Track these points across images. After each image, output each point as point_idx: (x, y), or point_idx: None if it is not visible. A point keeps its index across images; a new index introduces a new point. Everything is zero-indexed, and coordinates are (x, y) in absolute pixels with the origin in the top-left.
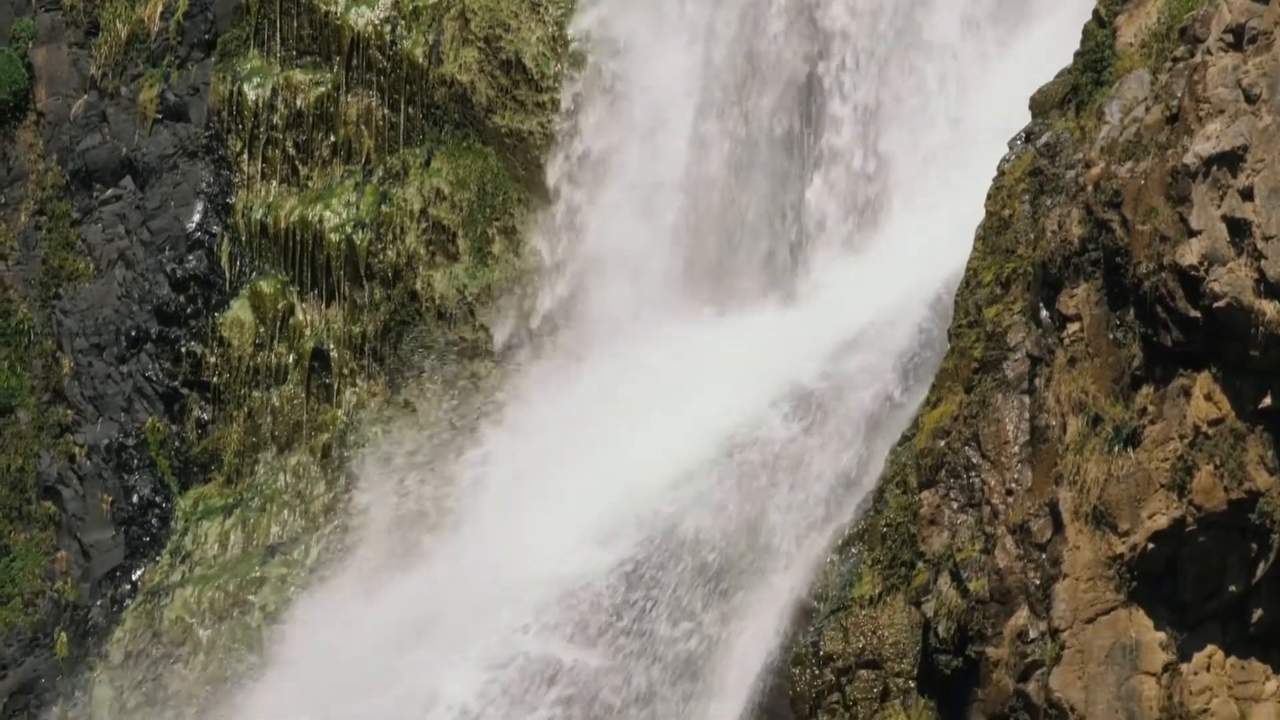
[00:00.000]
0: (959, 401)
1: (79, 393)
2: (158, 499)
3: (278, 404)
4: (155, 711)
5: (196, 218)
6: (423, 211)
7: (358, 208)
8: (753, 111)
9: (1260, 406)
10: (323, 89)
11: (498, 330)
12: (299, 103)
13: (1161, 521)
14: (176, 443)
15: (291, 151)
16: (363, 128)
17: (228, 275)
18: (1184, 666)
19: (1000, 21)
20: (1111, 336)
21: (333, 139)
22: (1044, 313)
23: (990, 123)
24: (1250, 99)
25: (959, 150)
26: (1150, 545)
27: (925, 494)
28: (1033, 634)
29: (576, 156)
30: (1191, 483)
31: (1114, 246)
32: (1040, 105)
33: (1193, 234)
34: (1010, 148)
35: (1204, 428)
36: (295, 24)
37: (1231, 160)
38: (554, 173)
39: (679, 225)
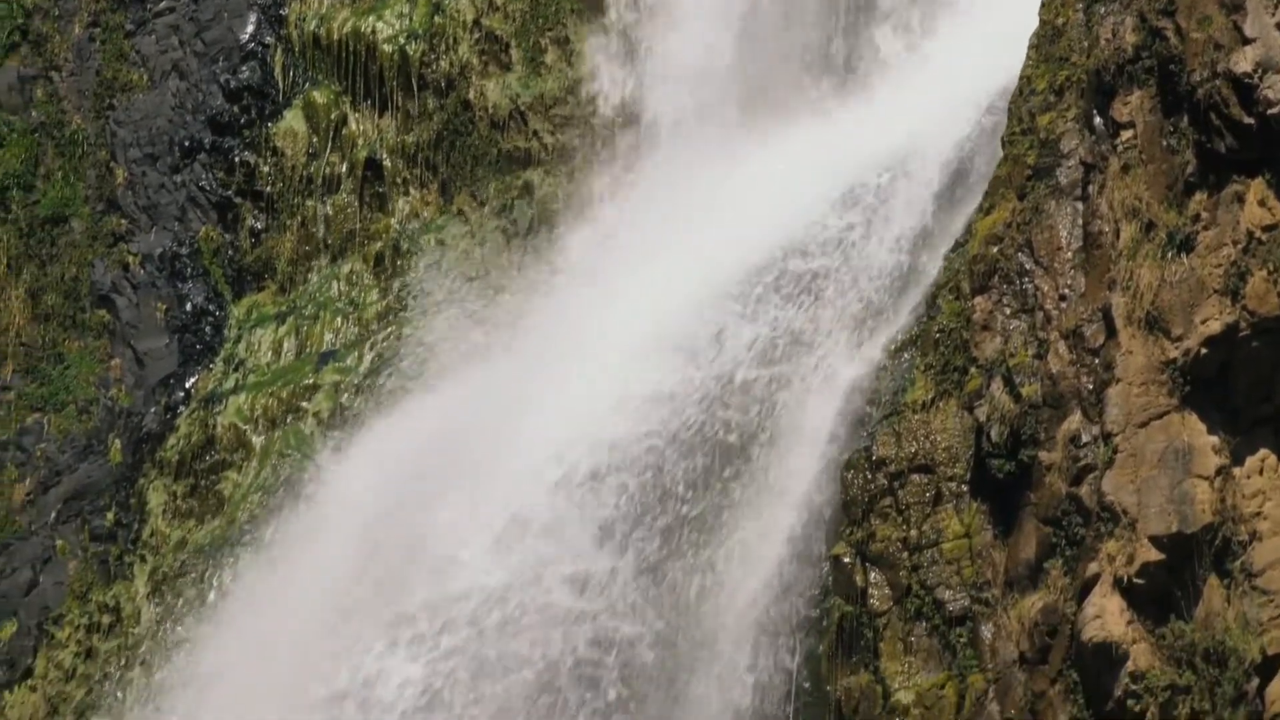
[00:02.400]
0: (1012, 208)
1: (133, 202)
2: (211, 307)
3: (331, 213)
4: (208, 517)
5: (250, 29)
6: (475, 22)
7: (411, 18)
8: None
9: None
10: None
11: (550, 139)
12: None
13: (1214, 326)
14: (230, 251)
15: None
16: None
17: (281, 86)
18: (1237, 470)
19: None
20: (1165, 143)
21: None
22: (1097, 120)
23: None
24: None
25: None
26: (1203, 350)
27: (978, 300)
28: (1085, 438)
29: None
30: (1244, 288)
31: (1168, 54)
32: None
33: (1247, 41)
34: None
35: (1257, 233)
36: None
37: None
38: None
39: (737, 25)
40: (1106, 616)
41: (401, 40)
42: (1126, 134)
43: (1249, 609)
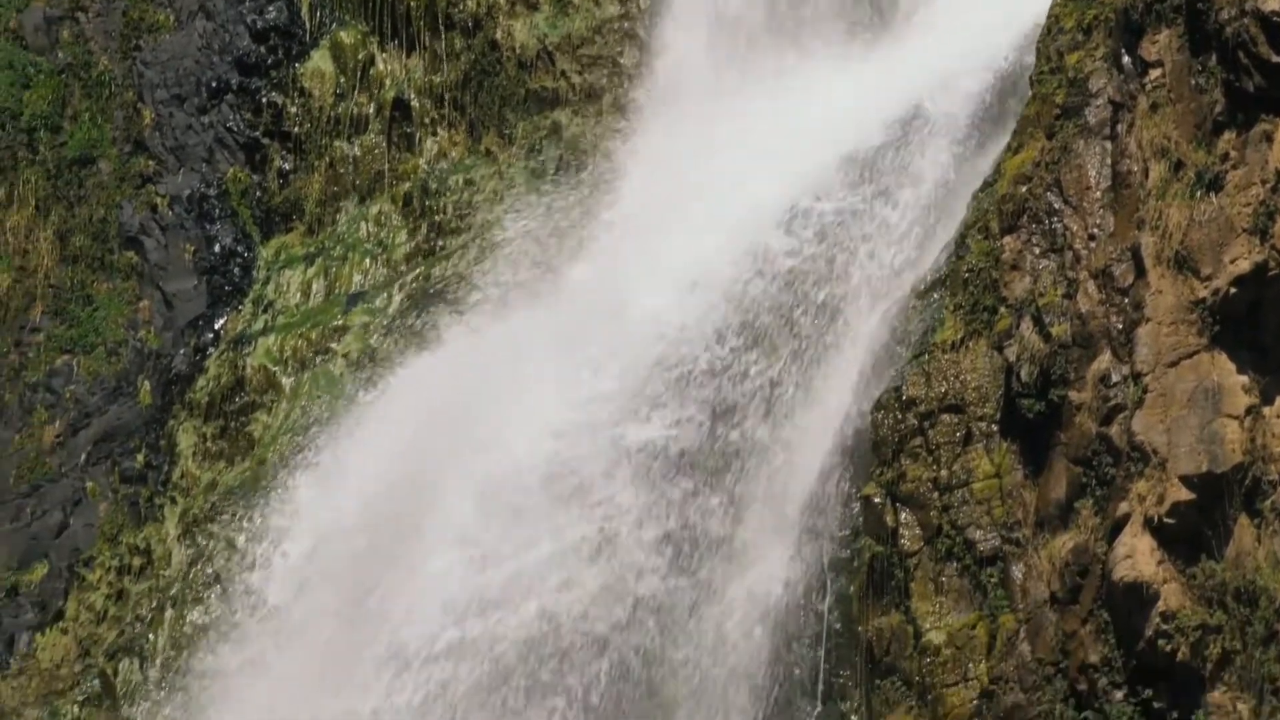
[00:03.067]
0: (1041, 147)
1: (160, 143)
2: (239, 248)
3: (359, 153)
4: (238, 458)
5: None
6: None
7: None
8: None
9: None
10: None
11: (578, 79)
12: None
13: (1243, 266)
14: (258, 192)
15: None
16: None
17: (308, 26)
18: (1266, 410)
19: None
20: (1193, 82)
21: None
22: (1125, 59)
23: None
24: None
25: None
26: (1232, 289)
27: (1007, 239)
28: (1115, 378)
29: None
30: (1273, 227)
31: None
32: None
33: None
34: None
35: None
36: None
37: None
38: None
39: None
40: (1137, 556)
41: None
42: (1155, 73)
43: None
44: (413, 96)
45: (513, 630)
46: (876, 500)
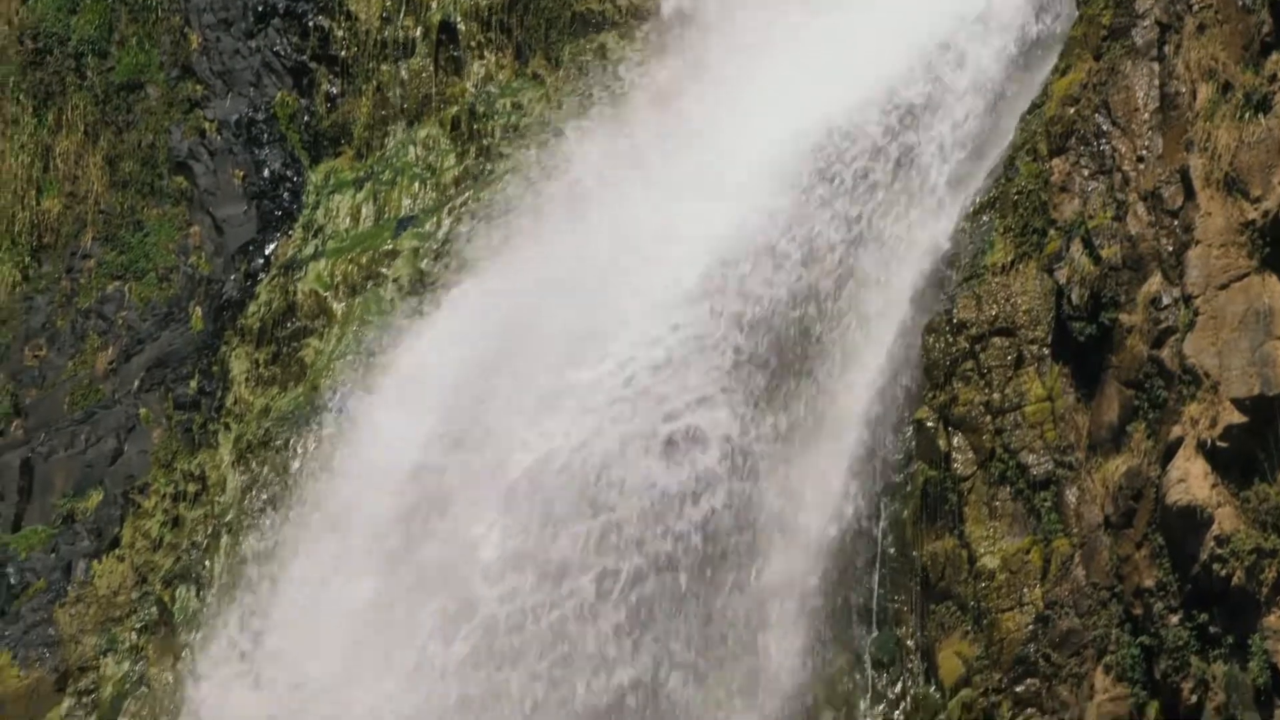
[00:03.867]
0: (1088, 69)
1: (208, 68)
2: (288, 173)
3: (406, 77)
4: (291, 384)
5: None
6: None
7: None
8: None
9: None
10: None
11: (624, 0)
12: None
13: None
14: (306, 116)
15: None
16: None
17: None
18: None
19: None
20: (1240, 2)
21: None
22: None
23: None
24: None
25: None
26: None
27: (1056, 161)
28: (1166, 300)
29: None
30: None
31: None
32: None
33: None
34: None
35: None
36: None
37: None
38: None
39: None
40: (1190, 480)
41: None
42: None
43: None
44: (459, 19)
45: (582, 532)
46: (929, 424)
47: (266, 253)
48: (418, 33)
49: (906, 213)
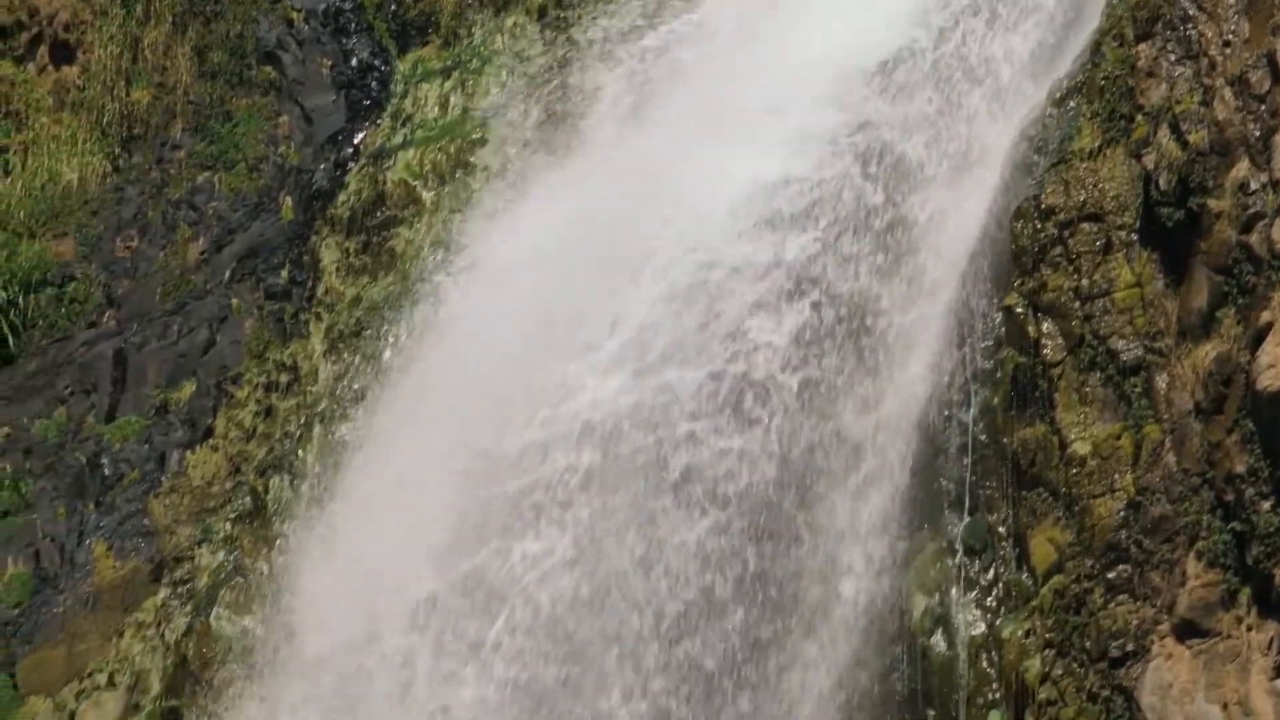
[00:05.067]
0: None
1: None
2: (376, 62)
3: None
4: (381, 273)
5: None
6: None
7: None
8: None
9: None
10: None
11: None
12: None
13: None
14: (393, 5)
15: None
16: None
17: None
18: None
19: None
20: None
21: None
22: None
23: None
24: None
25: None
26: None
27: (1142, 46)
28: (1253, 185)
29: None
30: None
31: None
32: None
33: None
34: None
35: None
36: None
37: None
38: None
39: None
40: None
41: None
42: None
43: None
44: None
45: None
46: (1018, 310)
47: (355, 142)
48: None
49: None
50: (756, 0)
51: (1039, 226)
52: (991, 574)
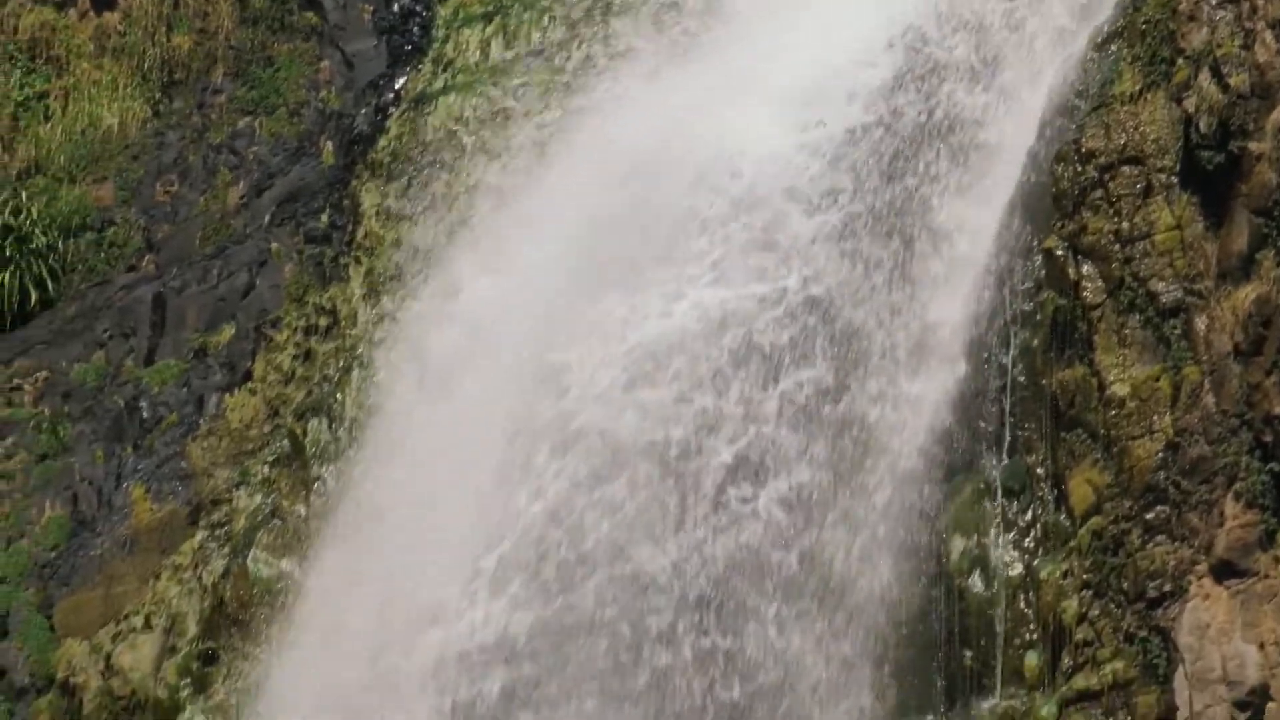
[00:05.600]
0: None
1: None
2: (418, 7)
3: None
4: (419, 215)
5: None
6: None
7: None
8: None
9: None
10: None
11: None
12: None
13: None
14: None
15: None
16: None
17: None
18: None
19: None
20: None
21: None
22: None
23: None
24: None
25: None
26: None
27: None
28: None
29: None
30: None
31: None
32: None
33: None
34: None
35: None
36: None
37: None
38: None
39: None
40: None
41: None
42: None
43: None
44: None
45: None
46: (1058, 253)
47: (396, 87)
48: None
49: None
50: None
51: (1079, 170)
52: (1029, 515)
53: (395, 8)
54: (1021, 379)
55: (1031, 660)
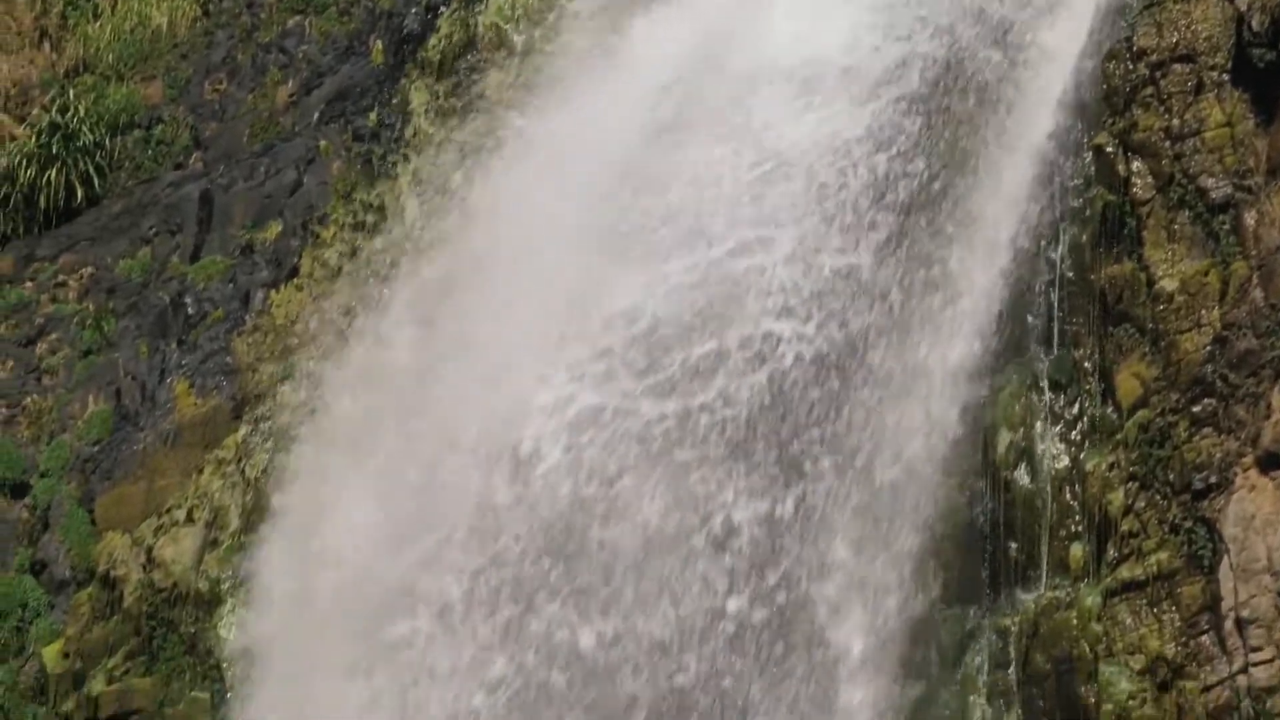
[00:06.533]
0: None
1: None
2: None
3: None
4: (470, 116)
5: None
6: None
7: None
8: None
9: None
10: None
11: None
12: None
13: None
14: None
15: None
16: None
17: None
18: None
19: None
20: None
21: None
22: None
23: None
24: None
25: None
26: None
27: None
28: None
29: None
30: None
31: None
32: None
33: None
34: None
35: None
36: None
37: None
38: None
39: None
40: None
41: None
42: None
43: None
44: None
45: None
46: (1108, 149)
47: None
48: None
49: None
50: None
51: (1131, 68)
52: (1076, 408)
53: None
54: (1070, 274)
55: (1077, 551)
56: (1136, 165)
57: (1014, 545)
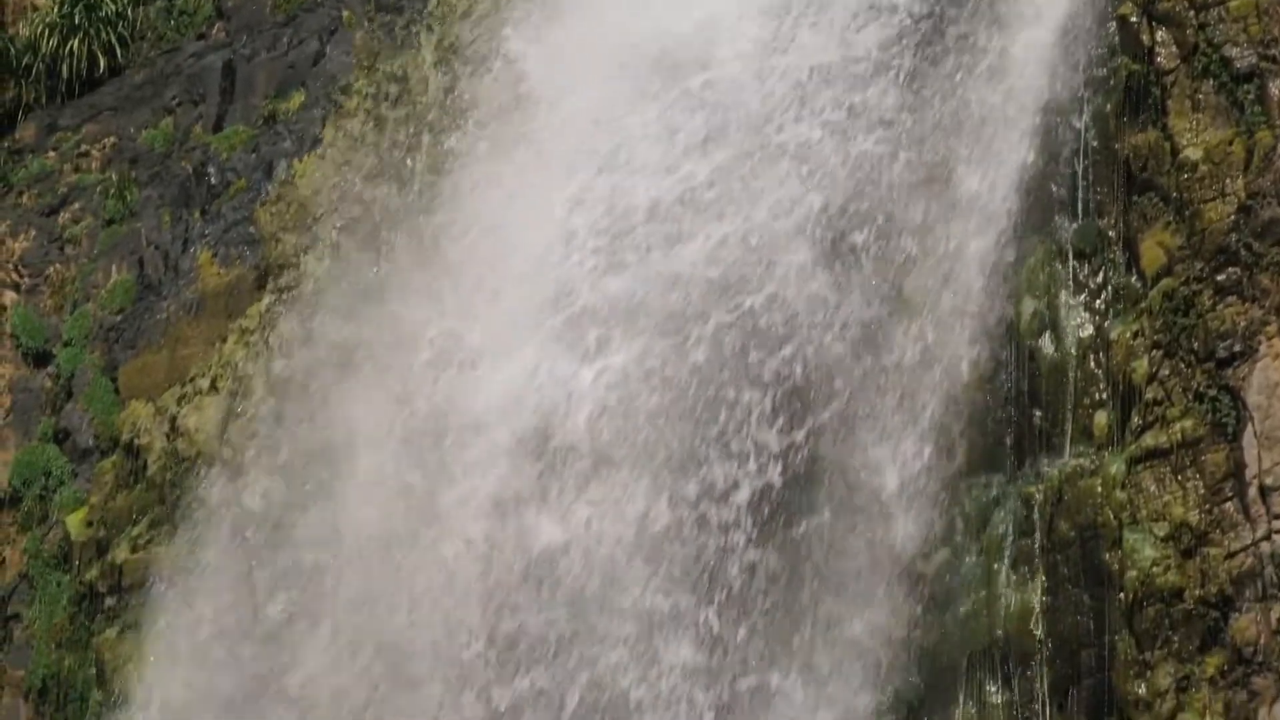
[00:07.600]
0: None
1: None
2: None
3: None
4: None
5: None
6: None
7: None
8: None
9: None
10: None
11: None
12: None
13: None
14: None
15: None
16: None
17: None
18: None
19: None
20: None
21: None
22: None
23: None
24: None
25: None
26: None
27: None
28: None
29: None
30: None
31: None
32: None
33: None
34: None
35: None
36: None
37: None
38: None
39: None
40: None
41: None
42: None
43: None
44: None
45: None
46: (1133, 19)
47: None
48: None
49: None
50: None
51: None
52: (1100, 277)
53: None
54: (1094, 143)
55: (1101, 419)
56: (1161, 35)
57: (1038, 413)
